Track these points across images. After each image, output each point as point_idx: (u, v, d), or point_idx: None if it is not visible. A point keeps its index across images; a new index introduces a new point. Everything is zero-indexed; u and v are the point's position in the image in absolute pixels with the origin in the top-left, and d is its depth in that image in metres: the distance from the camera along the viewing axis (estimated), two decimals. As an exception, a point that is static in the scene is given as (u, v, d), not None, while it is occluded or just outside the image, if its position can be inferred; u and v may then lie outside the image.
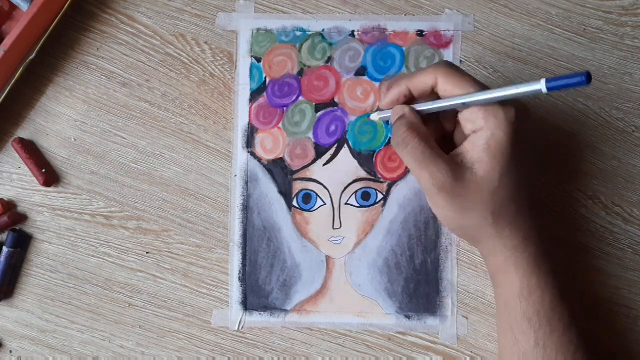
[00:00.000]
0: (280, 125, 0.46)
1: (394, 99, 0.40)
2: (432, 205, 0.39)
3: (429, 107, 0.38)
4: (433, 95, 0.38)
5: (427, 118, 0.39)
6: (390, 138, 0.46)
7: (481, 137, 0.36)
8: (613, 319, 0.46)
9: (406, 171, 0.46)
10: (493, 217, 0.37)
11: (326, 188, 0.46)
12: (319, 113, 0.46)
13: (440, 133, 0.40)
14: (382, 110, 0.42)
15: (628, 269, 0.46)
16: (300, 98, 0.46)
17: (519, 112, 0.36)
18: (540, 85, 0.32)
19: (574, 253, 0.46)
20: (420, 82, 0.38)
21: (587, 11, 0.46)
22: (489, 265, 0.40)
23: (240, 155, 0.46)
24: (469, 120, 0.37)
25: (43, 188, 0.46)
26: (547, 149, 0.46)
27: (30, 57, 0.45)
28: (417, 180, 0.38)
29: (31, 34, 0.44)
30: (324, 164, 0.46)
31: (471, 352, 0.45)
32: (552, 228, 0.46)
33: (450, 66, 0.37)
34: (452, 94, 0.37)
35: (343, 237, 0.46)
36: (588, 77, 0.29)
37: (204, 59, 0.47)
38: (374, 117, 0.45)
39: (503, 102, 0.36)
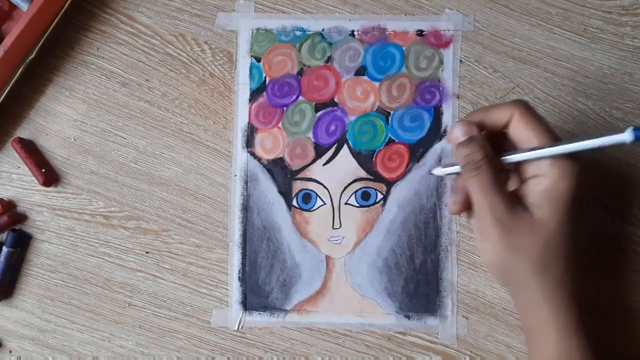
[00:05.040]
0: (280, 125, 0.46)
1: (467, 125, 0.37)
2: (483, 238, 0.37)
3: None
4: (500, 135, 0.37)
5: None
6: (390, 138, 0.46)
7: (542, 183, 0.35)
8: (613, 319, 0.46)
9: (406, 171, 0.46)
10: (541, 266, 0.35)
11: (326, 188, 0.46)
12: (319, 113, 0.46)
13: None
14: (446, 165, 0.40)
15: (628, 269, 0.46)
16: (300, 98, 0.46)
17: (583, 168, 0.35)
18: (627, 136, 0.30)
19: (574, 253, 0.46)
20: (496, 115, 0.37)
21: (587, 11, 0.46)
22: (527, 321, 0.38)
23: (240, 155, 0.46)
24: (531, 164, 0.36)
25: (43, 188, 0.46)
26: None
27: (30, 57, 0.45)
28: (475, 208, 0.36)
29: (31, 34, 0.44)
30: (324, 164, 0.46)
31: (471, 352, 0.45)
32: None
33: (527, 107, 0.36)
34: (524, 135, 0.36)
35: (343, 237, 0.46)
36: None
37: (204, 59, 0.47)
38: (438, 171, 0.41)
39: (570, 154, 0.34)
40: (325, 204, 0.46)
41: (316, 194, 0.46)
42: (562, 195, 0.35)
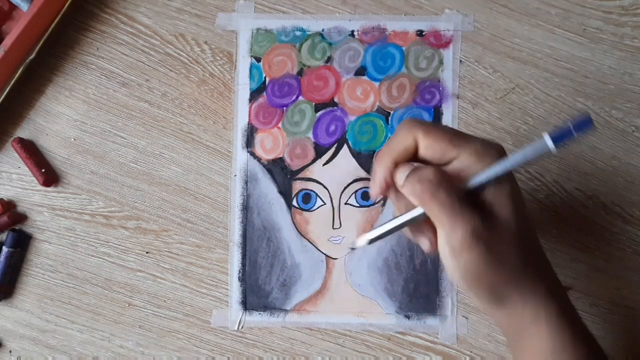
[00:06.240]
0: (280, 125, 0.46)
1: (386, 178, 0.34)
2: (457, 260, 0.33)
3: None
4: (415, 160, 0.34)
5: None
6: (390, 138, 0.46)
7: (497, 188, 0.33)
8: (613, 319, 0.46)
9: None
10: (524, 265, 0.33)
11: (326, 188, 0.46)
12: (319, 113, 0.46)
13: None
14: (374, 228, 0.35)
15: (628, 269, 0.46)
16: (300, 98, 0.46)
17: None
18: (547, 142, 0.29)
19: (574, 253, 0.46)
20: (402, 145, 0.34)
21: (587, 11, 0.46)
22: (512, 326, 0.35)
23: (240, 155, 0.46)
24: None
25: (43, 188, 0.46)
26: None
27: (30, 57, 0.45)
28: (447, 234, 0.32)
29: (31, 34, 0.44)
30: (324, 164, 0.46)
31: (471, 352, 0.45)
32: (552, 228, 0.46)
33: (424, 122, 0.34)
34: (439, 149, 0.33)
35: (343, 237, 0.46)
36: (589, 121, 0.28)
37: (204, 59, 0.47)
38: (361, 242, 0.35)
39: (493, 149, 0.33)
40: (325, 204, 0.46)
41: (316, 194, 0.46)
42: (517, 189, 0.33)
